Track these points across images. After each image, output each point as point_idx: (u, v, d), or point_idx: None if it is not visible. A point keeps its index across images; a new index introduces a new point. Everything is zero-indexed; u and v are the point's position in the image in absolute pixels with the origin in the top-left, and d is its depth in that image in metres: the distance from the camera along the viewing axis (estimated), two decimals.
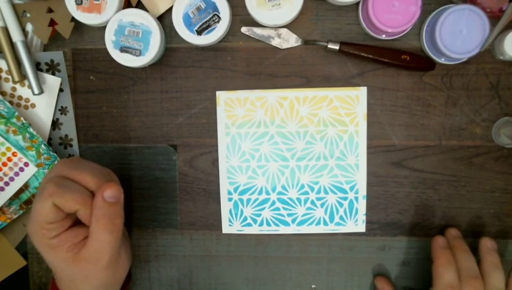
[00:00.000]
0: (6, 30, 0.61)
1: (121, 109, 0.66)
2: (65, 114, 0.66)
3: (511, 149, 0.63)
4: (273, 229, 0.66)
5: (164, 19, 0.63)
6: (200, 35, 0.59)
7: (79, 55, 0.65)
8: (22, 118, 0.62)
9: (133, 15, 0.58)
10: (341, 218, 0.66)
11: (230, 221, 0.67)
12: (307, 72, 0.63)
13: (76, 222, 0.52)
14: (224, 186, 0.66)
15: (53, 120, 0.65)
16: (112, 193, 0.49)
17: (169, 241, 0.68)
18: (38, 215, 0.49)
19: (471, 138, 0.63)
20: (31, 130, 0.62)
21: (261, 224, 0.66)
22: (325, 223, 0.66)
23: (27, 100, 0.64)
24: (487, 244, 0.60)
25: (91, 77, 0.65)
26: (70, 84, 0.65)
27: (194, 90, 0.65)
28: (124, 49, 0.59)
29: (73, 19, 0.60)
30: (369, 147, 0.64)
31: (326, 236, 0.67)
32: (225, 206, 0.66)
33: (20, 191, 0.64)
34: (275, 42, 0.62)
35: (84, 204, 0.49)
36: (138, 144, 0.66)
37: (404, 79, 0.63)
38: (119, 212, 0.51)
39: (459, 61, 0.61)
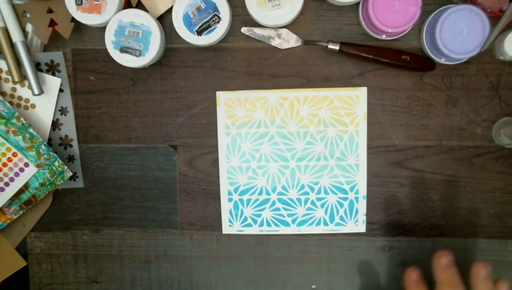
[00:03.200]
0: (6, 30, 0.61)
1: (121, 109, 0.66)
2: (65, 114, 0.66)
3: (511, 149, 0.63)
4: (273, 230, 0.66)
5: (164, 19, 0.63)
6: (200, 35, 0.59)
7: (79, 56, 0.65)
8: (22, 119, 0.62)
9: (133, 15, 0.58)
10: (341, 218, 0.66)
11: (230, 221, 0.67)
12: (307, 72, 0.63)
13: None
14: (224, 186, 0.66)
15: (53, 120, 0.65)
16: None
17: (169, 241, 0.68)
18: None
19: (471, 138, 0.63)
20: (31, 130, 0.62)
21: (261, 224, 0.66)
22: (325, 224, 0.66)
23: (27, 100, 0.64)
24: (480, 273, 0.53)
25: (91, 78, 0.65)
26: (70, 84, 0.65)
27: (194, 91, 0.65)
28: (124, 50, 0.59)
29: (73, 20, 0.60)
30: (370, 147, 0.64)
31: (327, 236, 0.67)
32: (225, 207, 0.66)
33: (20, 191, 0.64)
34: (275, 42, 0.62)
35: None
36: (138, 145, 0.66)
37: (404, 79, 0.63)
38: None
39: (459, 62, 0.61)
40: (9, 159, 0.62)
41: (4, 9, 0.60)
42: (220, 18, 0.58)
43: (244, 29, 0.62)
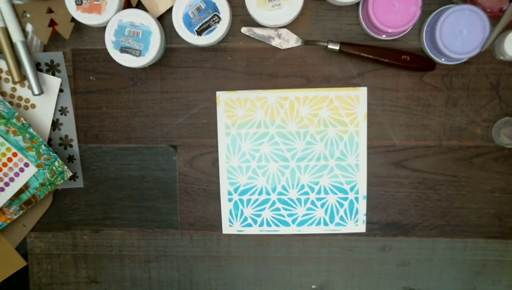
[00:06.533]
0: (6, 30, 0.61)
1: (121, 109, 0.66)
2: (65, 114, 0.66)
3: (511, 149, 0.63)
4: (273, 230, 0.66)
5: (164, 19, 0.63)
6: (200, 35, 0.59)
7: (79, 56, 0.65)
8: (22, 119, 0.62)
9: (133, 15, 0.58)
10: (341, 218, 0.66)
11: (230, 221, 0.67)
12: (307, 72, 0.63)
13: None
14: (224, 186, 0.66)
15: (53, 120, 0.65)
16: None
17: (169, 241, 0.68)
18: None
19: (471, 138, 0.63)
20: (31, 130, 0.62)
21: (261, 224, 0.66)
22: (325, 224, 0.66)
23: (27, 100, 0.64)
24: None
25: (91, 78, 0.65)
26: (70, 84, 0.65)
27: (194, 91, 0.65)
28: (124, 50, 0.59)
29: (73, 19, 0.60)
30: (370, 148, 0.64)
31: (327, 236, 0.67)
32: (225, 207, 0.66)
33: (20, 191, 0.64)
34: (275, 42, 0.62)
35: None
36: (138, 145, 0.66)
37: (404, 79, 0.63)
38: None
39: (459, 62, 0.61)
40: (9, 159, 0.62)
41: (4, 9, 0.60)
42: (220, 18, 0.58)
43: (244, 29, 0.62)
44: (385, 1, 0.56)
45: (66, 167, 0.64)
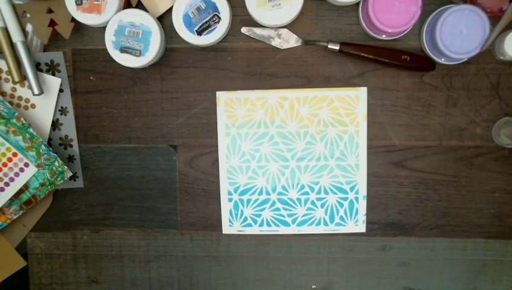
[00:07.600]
0: (6, 30, 0.61)
1: (121, 109, 0.66)
2: (65, 114, 0.66)
3: (511, 149, 0.63)
4: (273, 230, 0.66)
5: (164, 19, 0.63)
6: (200, 35, 0.59)
7: (79, 56, 0.65)
8: (22, 119, 0.62)
9: (133, 15, 0.58)
10: (341, 218, 0.66)
11: (230, 221, 0.67)
12: (307, 72, 0.63)
13: None
14: (224, 186, 0.66)
15: (53, 120, 0.65)
16: None
17: (169, 241, 0.68)
18: None
19: (471, 138, 0.63)
20: (31, 130, 0.62)
21: (261, 224, 0.66)
22: (326, 224, 0.66)
23: (27, 100, 0.64)
24: None
25: (91, 78, 0.65)
26: (70, 84, 0.65)
27: (194, 91, 0.65)
28: (124, 50, 0.59)
29: (73, 19, 0.60)
30: (370, 147, 0.64)
31: (327, 236, 0.67)
32: (225, 207, 0.66)
33: (20, 191, 0.64)
34: (275, 42, 0.62)
35: None
36: (138, 145, 0.66)
37: (404, 79, 0.63)
38: None
39: (459, 62, 0.61)
40: (9, 159, 0.62)
41: (4, 9, 0.60)
42: (220, 18, 0.58)
43: (244, 29, 0.62)
44: (385, 1, 0.56)
45: (66, 167, 0.64)
